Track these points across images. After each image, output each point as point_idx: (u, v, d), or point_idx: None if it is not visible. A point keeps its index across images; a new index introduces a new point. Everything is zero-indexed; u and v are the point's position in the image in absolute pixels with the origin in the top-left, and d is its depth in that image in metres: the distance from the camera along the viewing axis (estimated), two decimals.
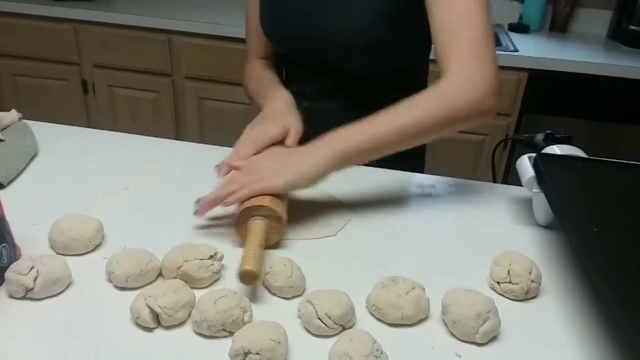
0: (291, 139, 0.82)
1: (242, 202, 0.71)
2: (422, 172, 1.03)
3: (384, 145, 0.75)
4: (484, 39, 0.78)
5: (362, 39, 0.89)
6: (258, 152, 0.79)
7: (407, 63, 0.99)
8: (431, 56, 0.91)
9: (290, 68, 1.06)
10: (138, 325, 0.56)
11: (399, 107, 0.76)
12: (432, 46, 0.83)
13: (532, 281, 0.63)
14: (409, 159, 1.05)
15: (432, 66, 0.98)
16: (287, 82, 1.07)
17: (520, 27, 2.25)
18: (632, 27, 2.14)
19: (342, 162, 0.74)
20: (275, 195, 0.71)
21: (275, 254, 0.70)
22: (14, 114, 0.99)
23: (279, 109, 0.87)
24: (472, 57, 0.78)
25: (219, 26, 2.02)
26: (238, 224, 0.70)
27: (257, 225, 0.68)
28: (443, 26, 0.79)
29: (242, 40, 1.10)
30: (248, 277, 0.60)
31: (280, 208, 0.70)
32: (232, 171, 0.77)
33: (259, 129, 0.83)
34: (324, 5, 0.91)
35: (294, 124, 0.84)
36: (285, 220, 0.71)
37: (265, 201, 0.69)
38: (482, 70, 0.78)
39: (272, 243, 0.71)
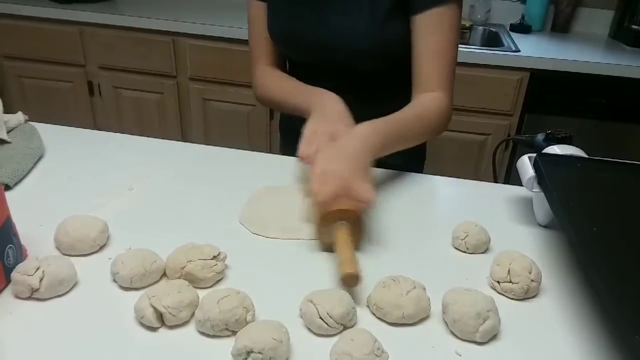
0: None
1: (324, 204, 0.71)
2: (422, 172, 1.03)
3: (398, 147, 0.86)
4: (454, 71, 0.94)
5: (369, 42, 0.93)
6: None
7: (401, 60, 1.01)
8: None
9: (296, 69, 1.08)
10: (142, 324, 0.57)
11: (411, 117, 0.89)
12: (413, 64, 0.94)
13: (532, 280, 0.64)
14: (411, 157, 1.06)
15: None
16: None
17: (522, 27, 2.25)
18: (633, 26, 2.14)
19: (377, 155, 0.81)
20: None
21: (278, 254, 0.71)
22: (20, 116, 1.00)
23: (339, 109, 0.88)
24: (449, 88, 0.94)
25: (223, 28, 2.03)
26: (322, 224, 0.71)
27: (345, 229, 0.69)
28: (433, 54, 0.91)
29: (246, 42, 1.10)
30: (351, 280, 0.62)
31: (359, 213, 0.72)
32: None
33: (331, 127, 0.83)
34: (334, 13, 0.95)
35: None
36: (364, 226, 0.73)
37: (352, 205, 0.71)
38: (450, 98, 0.94)
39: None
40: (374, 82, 1.01)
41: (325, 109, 0.88)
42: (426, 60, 0.92)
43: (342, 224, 0.70)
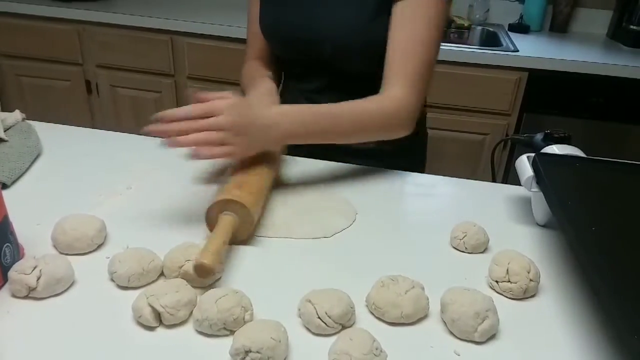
0: None
1: (218, 194, 0.71)
2: (423, 171, 1.03)
3: (328, 137, 0.84)
4: (425, 70, 0.88)
5: (356, 38, 0.91)
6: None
7: None
8: None
9: (288, 68, 1.08)
10: (140, 324, 0.57)
11: (351, 107, 0.85)
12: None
13: (530, 280, 0.64)
14: (411, 157, 1.06)
15: None
16: (285, 82, 1.09)
17: (520, 27, 2.25)
18: (632, 27, 2.14)
19: (291, 141, 0.83)
20: (259, 190, 0.74)
21: (276, 254, 0.71)
22: (17, 115, 1.00)
23: (264, 94, 0.90)
24: (412, 85, 0.87)
25: (221, 27, 2.03)
26: (210, 213, 0.70)
27: (227, 221, 0.68)
28: (398, 47, 0.87)
29: (244, 41, 1.11)
30: (202, 271, 0.60)
31: (255, 207, 0.71)
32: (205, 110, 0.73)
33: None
34: (321, 6, 0.93)
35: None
36: (254, 224, 0.72)
37: (244, 198, 0.70)
38: (417, 100, 0.88)
39: (240, 239, 0.71)
40: (366, 84, 0.96)
41: (249, 97, 0.90)
42: (392, 53, 0.88)
43: (227, 214, 0.69)
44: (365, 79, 0.97)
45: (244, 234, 0.71)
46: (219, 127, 0.72)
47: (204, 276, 0.61)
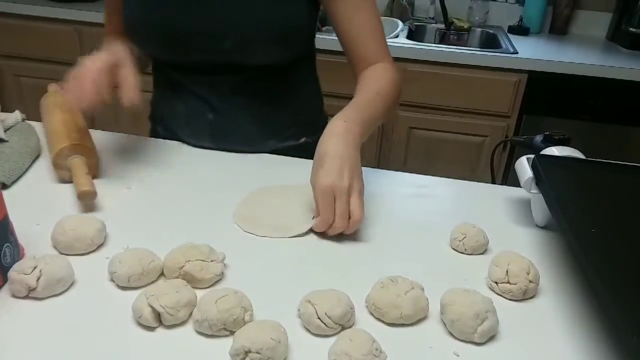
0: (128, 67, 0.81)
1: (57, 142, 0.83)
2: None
3: (371, 131, 0.84)
4: (385, 37, 0.93)
5: (269, 27, 0.87)
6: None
7: (308, 49, 1.01)
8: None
9: (182, 78, 0.96)
10: (140, 324, 0.57)
11: (374, 96, 0.85)
12: (344, 42, 0.91)
13: (530, 281, 0.64)
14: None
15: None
16: (180, 97, 0.98)
17: (520, 29, 2.26)
18: (631, 29, 2.15)
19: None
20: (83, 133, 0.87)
21: (276, 254, 0.71)
22: (17, 115, 1.00)
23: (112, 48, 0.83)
24: (389, 54, 0.92)
25: None
26: (56, 162, 0.82)
27: (79, 160, 0.81)
28: (364, 26, 0.89)
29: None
30: (86, 196, 0.75)
31: (90, 143, 0.86)
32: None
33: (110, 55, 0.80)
34: None
35: (123, 52, 0.81)
36: (95, 152, 0.85)
37: (85, 141, 0.84)
38: (395, 65, 0.93)
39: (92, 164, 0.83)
40: (279, 78, 0.94)
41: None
42: (362, 36, 0.89)
43: (78, 157, 0.82)
44: (273, 75, 0.94)
45: (93, 160, 0.85)
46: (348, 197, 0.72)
47: (90, 200, 0.76)
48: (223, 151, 0.96)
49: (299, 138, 0.97)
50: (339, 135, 0.75)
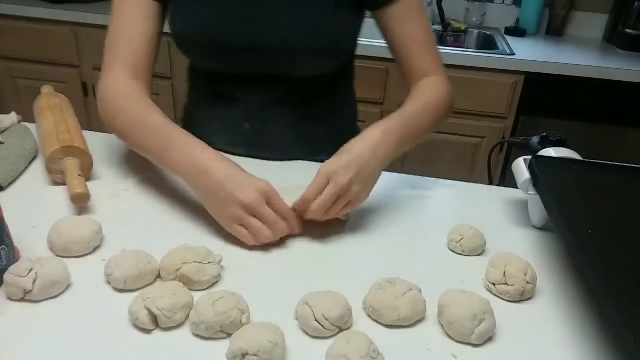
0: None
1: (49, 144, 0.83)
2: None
3: (412, 144, 0.84)
4: (438, 51, 0.93)
5: (317, 37, 0.86)
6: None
7: (350, 60, 1.00)
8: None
9: (224, 86, 0.95)
10: (136, 326, 0.56)
11: (420, 109, 0.85)
12: (397, 54, 0.92)
13: (527, 282, 0.64)
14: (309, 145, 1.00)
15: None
16: (218, 104, 0.96)
17: (516, 31, 2.26)
18: (627, 30, 2.15)
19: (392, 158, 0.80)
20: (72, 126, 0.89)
21: (273, 256, 0.71)
22: (13, 117, 0.99)
23: (238, 167, 0.74)
24: (443, 69, 0.92)
25: None
26: (49, 167, 0.82)
27: (72, 162, 0.81)
28: (416, 39, 0.89)
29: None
30: (80, 198, 0.75)
31: (82, 144, 0.85)
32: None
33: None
34: (270, 8, 0.84)
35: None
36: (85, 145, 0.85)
37: (76, 142, 0.84)
38: (447, 79, 0.92)
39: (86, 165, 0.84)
40: (319, 90, 0.94)
41: (226, 170, 0.71)
42: (413, 48, 0.90)
43: (70, 158, 0.82)
44: (319, 86, 0.94)
45: (87, 162, 0.85)
46: (341, 190, 0.70)
47: (83, 202, 0.76)
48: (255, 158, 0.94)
49: (331, 153, 0.95)
50: (371, 145, 0.74)
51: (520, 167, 0.81)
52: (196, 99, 1.03)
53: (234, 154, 0.93)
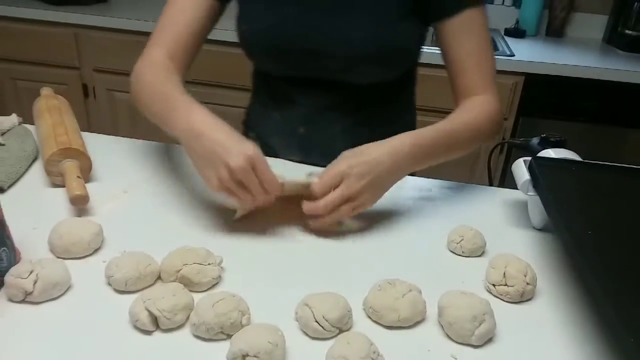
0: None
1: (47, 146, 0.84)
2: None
3: (445, 158, 0.84)
4: (494, 70, 0.91)
5: (376, 48, 0.86)
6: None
7: (409, 68, 0.98)
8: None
9: (284, 88, 0.95)
10: (137, 328, 0.57)
11: (460, 126, 0.84)
12: (451, 68, 0.90)
13: (527, 283, 0.64)
14: None
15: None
16: (277, 106, 0.98)
17: (516, 32, 2.27)
18: (627, 31, 2.15)
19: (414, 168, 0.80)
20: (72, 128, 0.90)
21: (273, 257, 0.71)
22: (14, 118, 0.99)
23: (232, 133, 0.72)
24: (494, 89, 0.90)
25: (217, 31, 2.02)
26: (48, 169, 0.82)
27: (72, 164, 0.82)
28: (471, 55, 0.87)
29: (239, 45, 1.03)
30: (79, 200, 0.75)
31: (81, 146, 0.85)
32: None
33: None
34: (330, 14, 0.86)
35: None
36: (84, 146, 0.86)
37: (74, 144, 0.84)
38: (498, 99, 0.91)
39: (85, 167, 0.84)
40: (377, 98, 0.93)
41: (220, 134, 0.70)
42: (467, 64, 0.87)
43: (69, 161, 0.82)
44: (376, 94, 0.93)
45: (86, 163, 0.85)
46: (351, 194, 0.71)
47: (83, 204, 0.76)
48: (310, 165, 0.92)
49: None
50: (393, 154, 0.74)
51: (520, 168, 0.81)
52: (257, 101, 1.05)
53: (289, 159, 0.94)
